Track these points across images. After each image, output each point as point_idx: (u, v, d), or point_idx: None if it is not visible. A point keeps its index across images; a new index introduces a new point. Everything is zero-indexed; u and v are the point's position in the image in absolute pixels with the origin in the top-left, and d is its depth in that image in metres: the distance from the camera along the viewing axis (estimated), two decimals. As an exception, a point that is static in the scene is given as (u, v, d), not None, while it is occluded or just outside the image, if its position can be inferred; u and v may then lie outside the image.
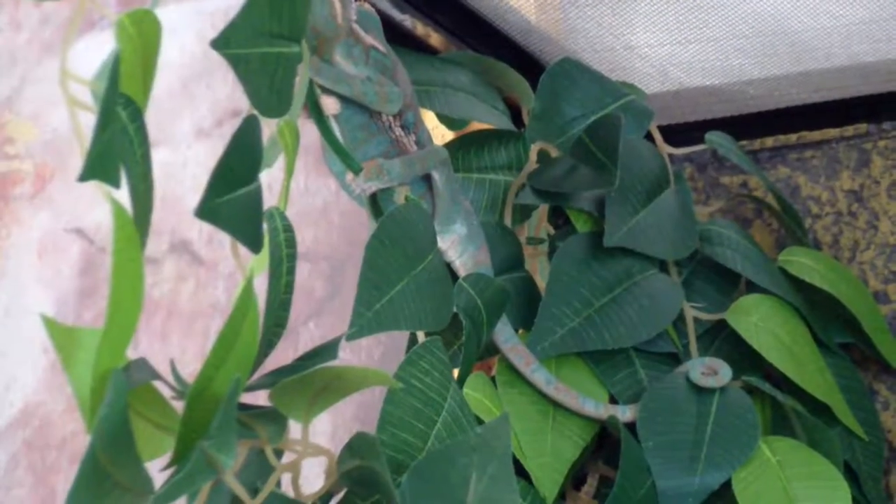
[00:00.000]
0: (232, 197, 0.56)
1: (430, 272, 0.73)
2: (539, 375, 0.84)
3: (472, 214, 0.83)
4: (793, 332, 0.93)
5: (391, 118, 0.76)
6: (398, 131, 0.77)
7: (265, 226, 0.60)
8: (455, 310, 0.77)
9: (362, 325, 0.67)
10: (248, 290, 0.55)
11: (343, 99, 0.74)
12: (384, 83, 0.75)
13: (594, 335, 0.86)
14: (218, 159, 0.55)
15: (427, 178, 0.80)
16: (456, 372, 0.78)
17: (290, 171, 0.63)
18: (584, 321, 0.86)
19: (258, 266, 0.61)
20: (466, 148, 0.92)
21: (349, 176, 0.75)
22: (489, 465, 0.63)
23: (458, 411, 0.72)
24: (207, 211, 0.55)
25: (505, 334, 0.84)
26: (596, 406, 0.85)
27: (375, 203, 0.76)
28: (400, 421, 0.69)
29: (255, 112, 0.58)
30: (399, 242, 0.70)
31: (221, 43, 0.55)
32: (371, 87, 0.74)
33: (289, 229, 0.61)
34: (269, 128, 0.61)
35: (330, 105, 0.74)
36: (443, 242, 0.81)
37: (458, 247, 0.82)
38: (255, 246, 0.59)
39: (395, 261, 0.70)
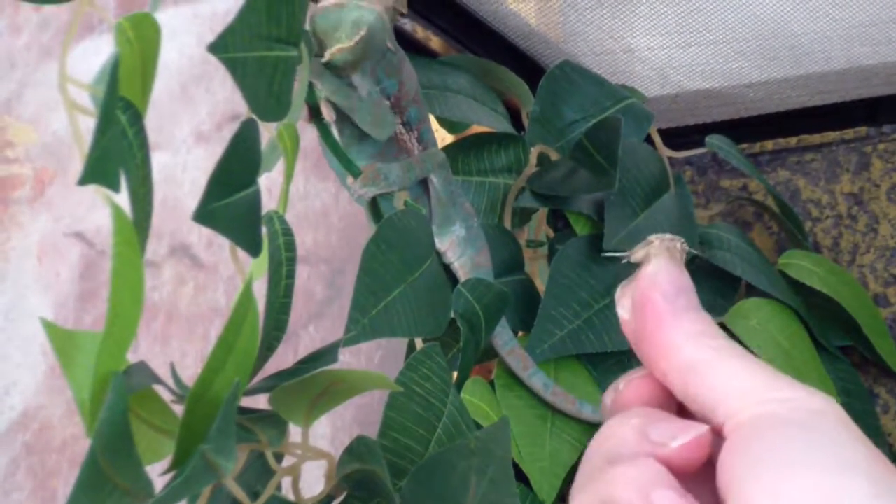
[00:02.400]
0: (230, 201, 0.56)
1: (428, 279, 0.73)
2: (536, 380, 0.84)
3: (473, 217, 0.83)
4: (792, 336, 0.93)
5: (391, 116, 0.76)
6: (399, 129, 0.77)
7: (264, 229, 0.60)
8: (453, 315, 0.77)
9: (358, 331, 0.67)
10: (247, 294, 0.55)
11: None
12: (381, 104, 0.74)
13: (593, 338, 0.86)
14: (216, 163, 0.55)
15: (423, 182, 0.80)
16: (455, 375, 0.78)
17: (289, 175, 0.63)
18: (584, 324, 0.86)
19: (258, 269, 0.61)
20: (466, 151, 0.92)
21: (349, 178, 0.75)
22: (489, 469, 0.63)
23: (458, 416, 0.71)
24: (205, 215, 0.54)
25: (503, 338, 0.84)
26: (593, 410, 0.85)
27: (375, 206, 0.76)
28: (402, 426, 0.69)
29: (254, 116, 0.58)
30: (396, 248, 0.70)
31: (219, 47, 0.55)
32: (367, 107, 0.73)
33: (288, 233, 0.61)
34: (268, 131, 0.61)
35: (326, 112, 0.74)
36: (441, 244, 0.81)
37: (457, 248, 0.82)
38: (253, 249, 0.58)
39: (392, 267, 0.70)
